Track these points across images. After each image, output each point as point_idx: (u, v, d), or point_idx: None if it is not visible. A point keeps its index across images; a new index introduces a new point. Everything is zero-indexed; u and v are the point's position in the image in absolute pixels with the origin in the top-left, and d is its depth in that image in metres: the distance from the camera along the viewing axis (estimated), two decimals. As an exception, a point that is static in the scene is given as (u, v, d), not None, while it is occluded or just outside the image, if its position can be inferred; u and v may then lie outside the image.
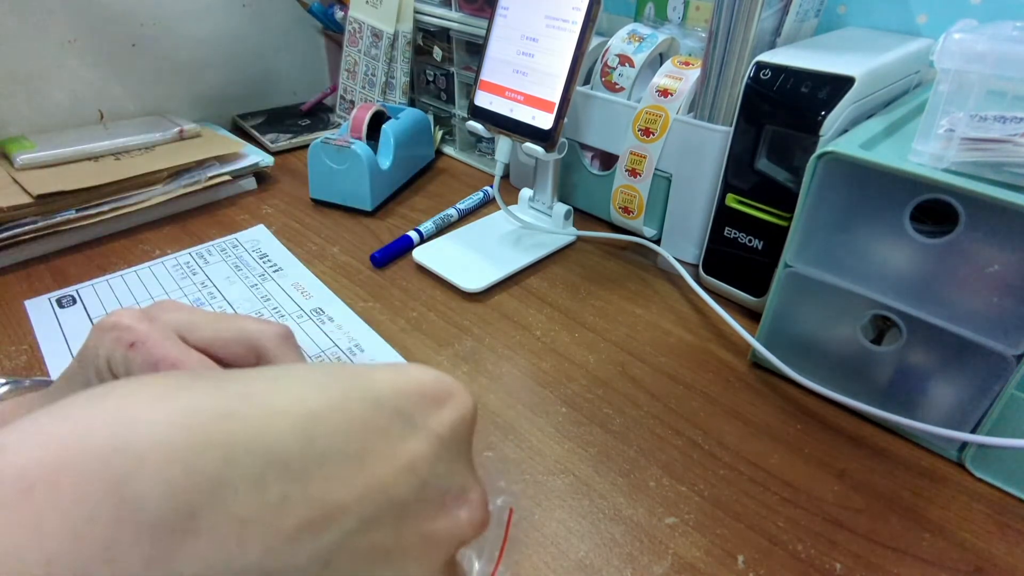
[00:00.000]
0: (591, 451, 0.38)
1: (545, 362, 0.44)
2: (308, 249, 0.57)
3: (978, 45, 0.30)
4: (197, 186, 0.61)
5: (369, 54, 0.75)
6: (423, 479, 0.16)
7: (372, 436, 0.16)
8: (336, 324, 0.47)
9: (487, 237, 0.57)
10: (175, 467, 0.13)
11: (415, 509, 0.16)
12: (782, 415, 0.41)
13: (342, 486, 0.15)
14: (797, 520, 0.34)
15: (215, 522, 0.13)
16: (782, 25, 0.47)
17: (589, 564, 0.31)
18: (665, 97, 0.51)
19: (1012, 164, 0.30)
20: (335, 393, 0.16)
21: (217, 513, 0.13)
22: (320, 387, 0.16)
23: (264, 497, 0.13)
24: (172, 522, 0.12)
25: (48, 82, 0.65)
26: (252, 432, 0.14)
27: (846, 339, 0.39)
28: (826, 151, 0.35)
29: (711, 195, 0.49)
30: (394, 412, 0.17)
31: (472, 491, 0.18)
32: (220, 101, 0.80)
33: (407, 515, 0.16)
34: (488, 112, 0.54)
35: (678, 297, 0.52)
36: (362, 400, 0.16)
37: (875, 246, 0.36)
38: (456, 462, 0.18)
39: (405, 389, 0.17)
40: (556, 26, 0.49)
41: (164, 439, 0.13)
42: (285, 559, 0.13)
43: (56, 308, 0.48)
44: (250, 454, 0.14)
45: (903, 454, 0.38)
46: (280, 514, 0.13)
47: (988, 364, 0.34)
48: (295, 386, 0.16)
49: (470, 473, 0.18)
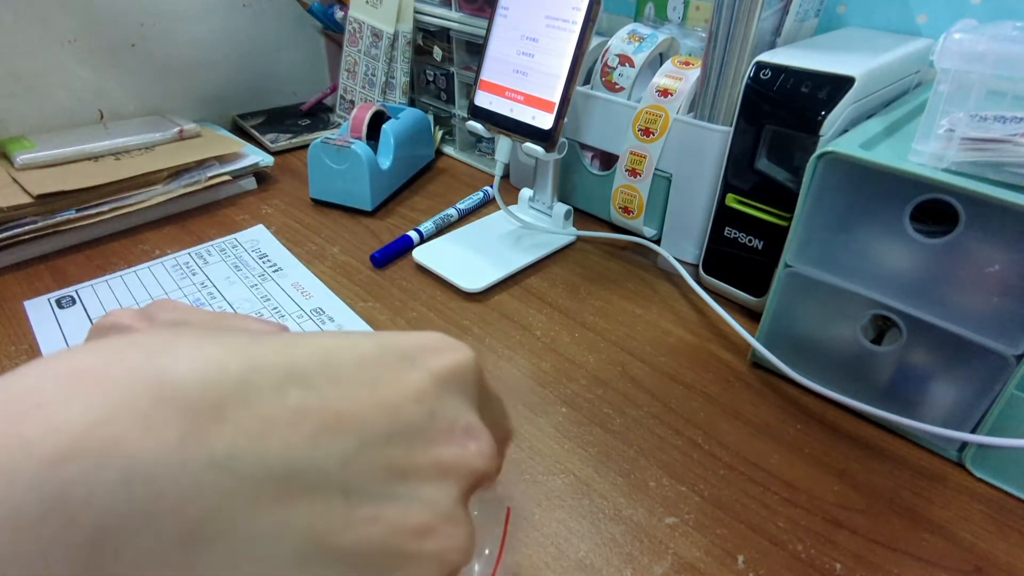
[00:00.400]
0: (591, 451, 0.38)
1: (545, 362, 0.44)
2: (308, 249, 0.57)
3: (978, 45, 0.30)
4: (197, 186, 0.61)
5: (369, 54, 0.75)
6: (430, 409, 0.18)
7: (381, 369, 0.17)
8: (336, 324, 0.47)
9: (487, 237, 0.57)
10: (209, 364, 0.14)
11: (425, 434, 0.17)
12: (782, 415, 0.41)
13: (355, 403, 0.16)
14: (797, 520, 0.34)
15: (240, 416, 0.14)
16: (782, 25, 0.47)
17: (589, 564, 0.31)
18: (665, 97, 0.51)
19: (1012, 164, 0.30)
20: (347, 339, 0.18)
21: (241, 407, 0.14)
22: (333, 336, 0.18)
23: (284, 401, 0.15)
24: (203, 408, 0.14)
25: (48, 82, 0.65)
26: (274, 352, 0.16)
27: (846, 339, 0.39)
28: (826, 151, 0.35)
29: (711, 195, 0.49)
30: (399, 354, 0.18)
31: (480, 430, 0.19)
32: (220, 101, 0.80)
33: (418, 438, 0.17)
34: (488, 112, 0.54)
35: (678, 297, 0.52)
36: (372, 343, 0.18)
37: (875, 246, 0.36)
38: (460, 403, 0.19)
39: (409, 340, 0.19)
40: (556, 26, 0.49)
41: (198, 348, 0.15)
42: (306, 456, 0.15)
43: (55, 309, 0.48)
44: (272, 366, 0.15)
45: (903, 454, 0.38)
46: (299, 416, 0.15)
47: (988, 364, 0.34)
48: (310, 335, 0.18)
49: (476, 417, 0.19)
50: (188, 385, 0.14)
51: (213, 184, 0.62)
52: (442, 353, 0.19)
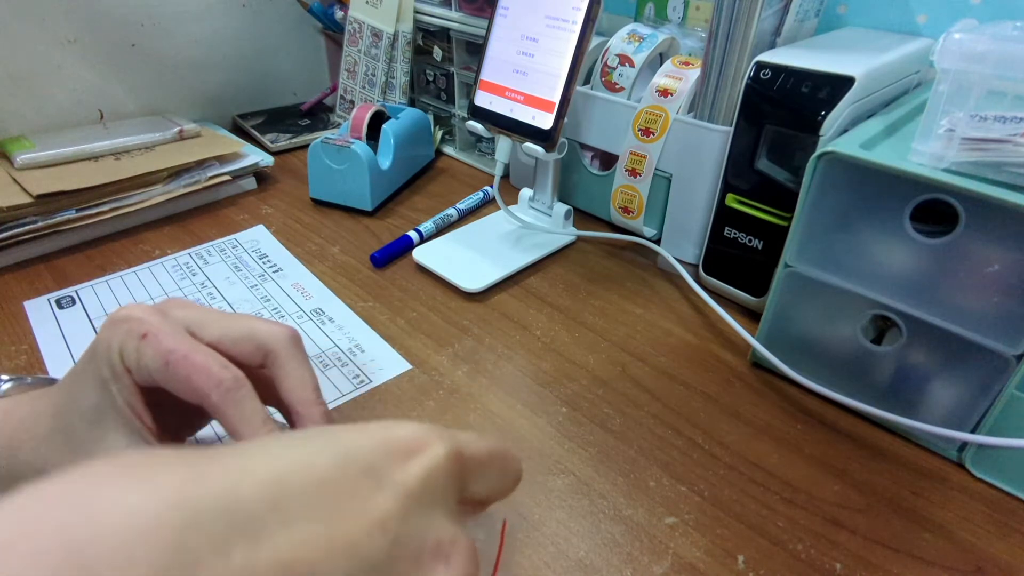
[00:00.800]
0: (591, 451, 0.38)
1: (545, 362, 0.44)
2: (308, 249, 0.57)
3: (978, 45, 0.30)
4: (197, 186, 0.61)
5: (369, 54, 0.75)
6: (394, 536, 0.16)
7: (340, 494, 0.16)
8: (336, 324, 0.47)
9: (487, 237, 0.57)
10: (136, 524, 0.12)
11: (389, 567, 0.16)
12: (782, 415, 0.41)
13: (310, 546, 0.14)
14: (797, 520, 0.34)
15: None
16: (782, 25, 0.47)
17: (589, 564, 0.31)
18: (665, 97, 0.51)
19: (1012, 164, 0.30)
20: (303, 453, 0.16)
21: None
22: (288, 448, 0.16)
23: (228, 563, 0.13)
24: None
25: (48, 82, 0.65)
26: (216, 493, 0.14)
27: (846, 339, 0.39)
28: (826, 151, 0.35)
29: (711, 195, 0.49)
30: (362, 469, 0.16)
31: (453, 543, 0.17)
32: (220, 101, 0.80)
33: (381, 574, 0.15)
34: (488, 112, 0.54)
35: (678, 297, 0.52)
36: (330, 458, 0.16)
37: (875, 246, 0.36)
38: (431, 515, 0.17)
39: (373, 445, 0.17)
40: (556, 26, 0.49)
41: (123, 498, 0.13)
42: None
43: (55, 309, 0.48)
44: (213, 516, 0.13)
45: (903, 454, 0.38)
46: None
47: (988, 364, 0.34)
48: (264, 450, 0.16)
49: (450, 523, 0.18)
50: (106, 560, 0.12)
51: (213, 184, 0.62)
52: (412, 458, 0.18)
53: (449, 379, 0.43)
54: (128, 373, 0.26)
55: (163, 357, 0.25)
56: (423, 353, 0.45)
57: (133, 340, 0.25)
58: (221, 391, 0.25)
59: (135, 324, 0.26)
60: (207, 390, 0.25)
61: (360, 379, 0.42)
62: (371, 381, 0.42)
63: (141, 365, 0.25)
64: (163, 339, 0.25)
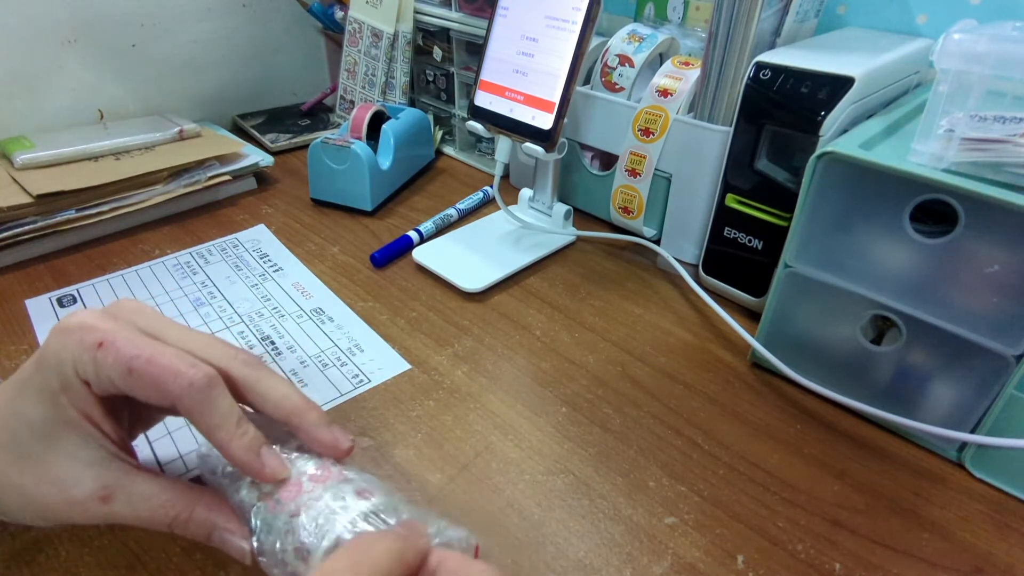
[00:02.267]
0: (591, 451, 0.38)
1: (545, 362, 0.44)
2: (308, 249, 0.57)
3: (978, 45, 0.30)
4: (197, 186, 0.61)
5: (369, 54, 0.75)
6: None
7: None
8: (336, 324, 0.47)
9: (487, 237, 0.57)
10: None
11: None
12: (782, 415, 0.41)
13: None
14: (797, 520, 0.34)
15: None
16: (782, 25, 0.47)
17: (589, 564, 0.31)
18: (665, 97, 0.51)
19: (1012, 164, 0.30)
20: None
21: None
22: None
23: None
24: None
25: (48, 82, 0.65)
26: None
27: (846, 339, 0.39)
28: (826, 151, 0.35)
29: (711, 195, 0.49)
30: None
31: None
32: (220, 101, 0.80)
33: None
34: (488, 112, 0.54)
35: (678, 297, 0.52)
36: None
37: (875, 246, 0.36)
38: None
39: None
40: (556, 26, 0.49)
41: None
42: None
43: (56, 307, 0.48)
44: None
45: (903, 454, 0.38)
46: None
47: (988, 364, 0.34)
48: None
49: None
50: None
51: (213, 184, 0.62)
52: None
53: (449, 379, 0.43)
54: (86, 385, 0.25)
55: (125, 364, 0.24)
56: (423, 353, 0.45)
57: (88, 351, 0.24)
58: (192, 392, 0.24)
59: (87, 333, 0.24)
60: (178, 392, 0.24)
61: (359, 379, 0.42)
62: (370, 381, 0.42)
63: (101, 376, 0.24)
64: (122, 346, 0.24)
